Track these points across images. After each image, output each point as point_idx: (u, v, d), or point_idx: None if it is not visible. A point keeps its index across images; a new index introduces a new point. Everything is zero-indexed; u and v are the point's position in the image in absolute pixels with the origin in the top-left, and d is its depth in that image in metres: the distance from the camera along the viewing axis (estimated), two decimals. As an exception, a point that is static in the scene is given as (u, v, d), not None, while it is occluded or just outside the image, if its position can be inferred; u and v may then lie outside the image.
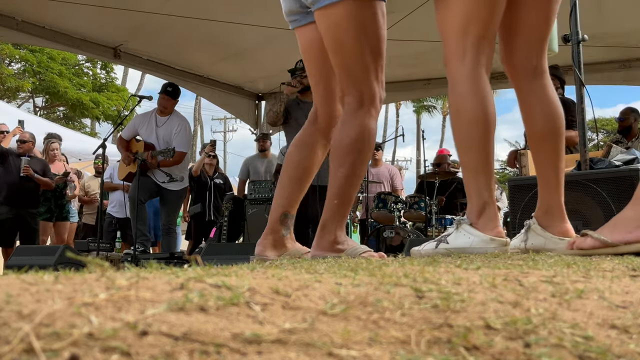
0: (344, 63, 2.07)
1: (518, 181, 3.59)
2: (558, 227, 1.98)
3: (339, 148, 2.07)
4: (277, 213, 2.19)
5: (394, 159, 38.89)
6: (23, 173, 6.82)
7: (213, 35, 6.71)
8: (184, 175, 6.24)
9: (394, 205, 6.87)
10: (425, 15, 5.93)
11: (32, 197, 7.04)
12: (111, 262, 2.14)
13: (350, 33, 2.02)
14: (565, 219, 2.00)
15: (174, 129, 6.12)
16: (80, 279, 0.66)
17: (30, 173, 6.85)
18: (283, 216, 2.17)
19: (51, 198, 7.62)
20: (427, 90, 8.66)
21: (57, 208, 7.69)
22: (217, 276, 0.75)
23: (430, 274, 0.91)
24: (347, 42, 2.04)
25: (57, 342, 0.47)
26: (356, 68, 2.06)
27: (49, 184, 7.12)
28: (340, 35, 2.04)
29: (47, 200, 7.58)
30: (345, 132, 2.07)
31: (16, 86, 22.41)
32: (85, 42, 6.92)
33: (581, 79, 3.73)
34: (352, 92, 2.08)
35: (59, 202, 7.71)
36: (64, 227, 7.83)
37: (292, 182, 2.22)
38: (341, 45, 2.05)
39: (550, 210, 2.00)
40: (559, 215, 2.00)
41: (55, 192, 7.63)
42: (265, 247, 2.17)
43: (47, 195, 7.58)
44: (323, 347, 0.55)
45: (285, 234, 2.19)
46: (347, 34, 2.03)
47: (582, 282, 0.93)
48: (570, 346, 0.63)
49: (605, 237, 1.62)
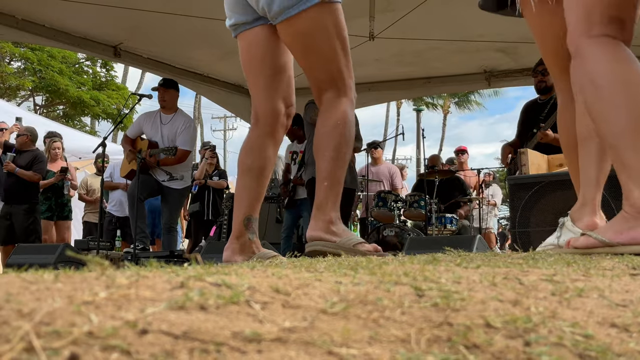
0: (318, 65, 2.20)
1: (518, 180, 3.59)
2: (586, 220, 1.95)
3: (323, 134, 2.17)
4: (240, 218, 2.23)
5: (394, 157, 38.88)
6: (5, 169, 6.76)
7: (213, 34, 6.70)
8: (184, 174, 6.23)
9: (394, 204, 6.87)
10: (425, 13, 5.94)
11: (20, 194, 6.88)
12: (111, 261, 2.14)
13: (322, 38, 2.15)
14: (595, 212, 1.96)
15: (179, 128, 6.11)
16: (80, 278, 0.66)
17: (10, 168, 6.75)
18: (247, 220, 2.22)
19: (52, 197, 7.60)
20: (427, 88, 8.66)
21: (57, 207, 7.66)
22: (217, 275, 0.75)
23: (430, 273, 0.91)
24: (320, 47, 2.17)
25: (57, 341, 0.47)
26: (332, 67, 2.18)
27: (32, 178, 6.91)
28: (311, 41, 2.16)
29: (48, 199, 7.56)
30: (327, 119, 2.17)
31: (16, 84, 22.41)
32: (85, 41, 6.91)
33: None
34: (331, 88, 2.19)
35: (60, 200, 7.67)
36: (65, 225, 7.81)
37: (248, 186, 2.27)
38: (314, 50, 2.18)
39: (585, 204, 1.98)
40: (591, 208, 1.97)
41: (55, 190, 7.61)
42: (234, 253, 2.21)
43: (47, 194, 7.56)
44: (323, 345, 0.55)
45: (251, 237, 2.22)
46: (318, 40, 2.15)
47: (582, 281, 0.93)
48: (570, 345, 0.63)
49: (603, 237, 1.62)
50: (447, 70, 7.78)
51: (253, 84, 2.33)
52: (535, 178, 3.54)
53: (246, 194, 2.26)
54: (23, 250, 5.37)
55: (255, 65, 2.31)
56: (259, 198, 2.29)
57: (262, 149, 2.29)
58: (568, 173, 2.22)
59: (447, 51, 6.98)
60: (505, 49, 6.76)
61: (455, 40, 6.49)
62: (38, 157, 7.11)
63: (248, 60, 2.32)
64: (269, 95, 2.30)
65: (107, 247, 7.14)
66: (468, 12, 6.22)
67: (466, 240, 3.94)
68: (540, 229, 3.37)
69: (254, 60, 2.30)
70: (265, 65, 2.28)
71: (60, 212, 7.69)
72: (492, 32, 6.33)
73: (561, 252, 1.69)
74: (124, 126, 12.07)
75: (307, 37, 2.15)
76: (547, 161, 4.54)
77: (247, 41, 2.30)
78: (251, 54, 2.30)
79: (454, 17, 6.24)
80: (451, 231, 6.89)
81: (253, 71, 2.32)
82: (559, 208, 3.34)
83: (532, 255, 1.56)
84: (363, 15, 6.05)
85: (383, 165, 8.52)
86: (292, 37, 2.17)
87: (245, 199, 2.26)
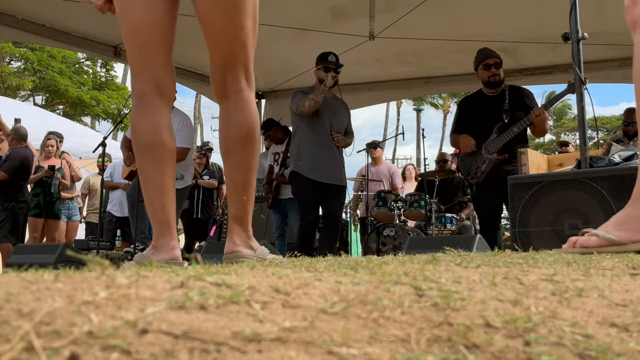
0: (237, 41, 2.00)
1: (518, 180, 3.59)
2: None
3: (238, 139, 2.01)
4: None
5: (394, 157, 38.90)
6: None
7: (213, 34, 6.69)
8: (184, 174, 6.21)
9: (394, 204, 6.87)
10: (425, 13, 5.93)
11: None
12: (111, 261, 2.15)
13: (249, 15, 1.99)
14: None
15: (176, 126, 6.10)
16: (80, 278, 0.66)
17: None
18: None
19: (40, 193, 7.51)
20: (427, 88, 8.65)
21: (46, 205, 7.55)
22: (217, 274, 0.75)
23: (430, 273, 0.91)
24: (244, 20, 1.99)
25: (57, 341, 0.47)
26: (247, 49, 2.02)
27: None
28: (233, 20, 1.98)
29: (36, 195, 7.49)
30: (241, 118, 2.01)
31: (16, 84, 22.41)
32: (85, 41, 6.91)
33: (581, 77, 3.73)
34: (241, 72, 2.03)
35: (48, 198, 7.56)
36: (55, 225, 7.69)
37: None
38: (238, 22, 1.99)
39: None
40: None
41: (44, 187, 7.53)
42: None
43: (36, 191, 7.51)
44: (323, 345, 0.55)
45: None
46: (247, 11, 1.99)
47: (582, 281, 0.93)
48: (570, 344, 0.63)
49: (612, 236, 1.61)
50: (447, 70, 7.78)
51: (153, 55, 2.13)
52: (535, 178, 3.54)
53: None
54: (23, 250, 5.37)
55: (160, 35, 2.13)
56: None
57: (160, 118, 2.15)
58: (568, 173, 2.22)
59: (447, 51, 6.98)
60: (505, 49, 6.75)
61: (456, 40, 6.49)
62: (10, 155, 7.09)
63: (149, 29, 2.12)
64: (168, 69, 2.16)
65: (107, 246, 7.14)
66: (468, 12, 6.23)
67: (466, 240, 3.94)
68: (540, 229, 3.37)
69: (155, 31, 2.12)
70: (167, 36, 2.12)
71: (49, 211, 7.62)
72: (492, 32, 6.33)
73: (565, 252, 1.69)
74: (124, 126, 12.06)
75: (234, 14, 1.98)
76: (547, 161, 4.55)
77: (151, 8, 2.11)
78: (153, 24, 2.12)
79: (454, 16, 6.24)
80: (451, 231, 6.90)
81: (156, 42, 2.13)
82: (559, 208, 3.34)
83: (532, 255, 1.56)
84: (363, 15, 6.05)
85: (383, 165, 8.52)
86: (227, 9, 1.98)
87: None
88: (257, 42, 2.11)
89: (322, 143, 5.22)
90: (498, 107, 4.87)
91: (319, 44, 5.83)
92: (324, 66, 5.26)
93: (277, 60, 7.25)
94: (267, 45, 7.13)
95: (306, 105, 5.14)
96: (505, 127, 4.79)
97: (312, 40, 6.44)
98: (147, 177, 2.01)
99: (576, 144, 8.59)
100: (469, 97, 5.35)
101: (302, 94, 5.26)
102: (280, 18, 6.20)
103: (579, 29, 3.71)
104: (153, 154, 2.00)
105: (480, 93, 5.12)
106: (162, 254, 1.91)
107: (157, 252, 1.93)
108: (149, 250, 1.99)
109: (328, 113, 5.26)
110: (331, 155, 5.25)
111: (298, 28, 6.43)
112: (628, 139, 6.54)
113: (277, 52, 6.95)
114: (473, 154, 4.89)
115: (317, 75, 5.30)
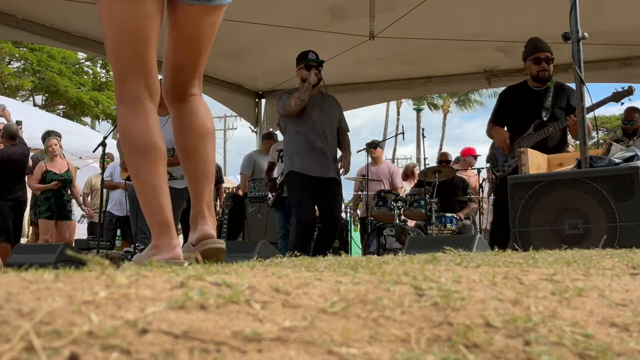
0: (204, 58, 2.20)
1: (518, 180, 3.59)
2: None
3: (206, 136, 2.18)
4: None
5: (394, 157, 38.87)
6: None
7: (213, 34, 6.70)
8: (184, 174, 6.19)
9: (394, 204, 6.87)
10: (425, 13, 5.93)
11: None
12: (111, 260, 2.15)
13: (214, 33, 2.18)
14: None
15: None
16: (80, 277, 0.66)
17: None
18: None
19: (51, 197, 7.63)
20: (428, 88, 8.65)
21: (57, 207, 7.69)
22: (217, 274, 0.75)
23: (430, 272, 0.91)
24: (211, 40, 2.18)
25: (57, 340, 0.47)
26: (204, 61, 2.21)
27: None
28: (214, 32, 2.18)
29: (48, 199, 7.60)
30: (206, 119, 2.18)
31: (16, 85, 22.40)
32: (85, 40, 6.91)
33: (581, 77, 3.73)
34: (199, 84, 2.21)
35: (59, 201, 7.71)
36: (66, 226, 7.83)
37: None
38: (210, 42, 2.18)
39: None
40: None
41: (55, 191, 7.63)
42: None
43: (47, 194, 7.58)
44: (323, 345, 0.55)
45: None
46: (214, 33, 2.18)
47: (582, 280, 0.93)
48: (570, 344, 0.63)
49: None
50: (447, 69, 7.78)
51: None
52: (535, 178, 3.54)
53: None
54: (23, 249, 5.37)
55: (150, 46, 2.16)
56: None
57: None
58: (568, 173, 2.22)
59: (448, 50, 6.98)
60: (505, 49, 6.75)
61: (456, 40, 6.49)
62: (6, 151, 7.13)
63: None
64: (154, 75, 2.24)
65: (107, 246, 7.14)
66: (468, 12, 6.23)
67: (466, 240, 3.94)
68: (540, 229, 3.37)
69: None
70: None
71: (60, 213, 7.72)
72: (492, 32, 6.33)
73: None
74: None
75: (215, 28, 2.17)
76: (547, 161, 4.54)
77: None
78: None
79: (454, 16, 6.24)
80: (451, 230, 6.90)
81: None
82: (559, 207, 3.34)
83: (532, 255, 1.56)
84: (363, 14, 6.05)
85: (383, 165, 8.52)
86: (212, 23, 2.15)
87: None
88: (257, 42, 2.18)
89: (314, 142, 5.22)
90: (539, 104, 4.76)
91: (318, 44, 5.83)
92: (305, 65, 5.26)
93: (277, 60, 7.24)
94: (267, 46, 7.13)
95: (292, 104, 5.15)
96: (542, 125, 4.70)
97: (312, 40, 6.44)
98: (142, 180, 2.04)
99: (576, 143, 8.61)
100: (513, 87, 5.17)
101: (288, 95, 5.28)
102: (280, 18, 6.20)
103: (579, 28, 3.71)
104: (147, 156, 2.03)
105: (524, 85, 4.97)
106: (164, 253, 1.93)
107: (158, 251, 1.95)
108: (148, 250, 2.00)
109: (317, 111, 5.27)
110: (323, 153, 5.25)
111: (298, 28, 6.43)
112: (627, 138, 6.55)
113: (277, 52, 6.94)
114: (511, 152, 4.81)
115: (299, 75, 5.30)
